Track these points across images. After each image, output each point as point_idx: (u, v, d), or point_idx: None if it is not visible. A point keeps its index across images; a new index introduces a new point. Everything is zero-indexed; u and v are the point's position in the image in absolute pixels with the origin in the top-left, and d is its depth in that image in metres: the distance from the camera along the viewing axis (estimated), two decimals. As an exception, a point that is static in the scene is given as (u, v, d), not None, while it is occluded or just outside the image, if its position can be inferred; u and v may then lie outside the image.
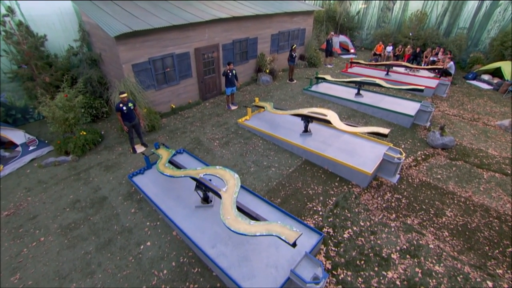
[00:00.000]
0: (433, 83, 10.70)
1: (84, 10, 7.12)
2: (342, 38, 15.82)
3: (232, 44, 9.65)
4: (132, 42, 6.93)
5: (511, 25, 12.22)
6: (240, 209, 4.23)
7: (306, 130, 7.16)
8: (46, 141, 7.09)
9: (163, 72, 8.02)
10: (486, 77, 12.26)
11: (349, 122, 6.62)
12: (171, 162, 5.77)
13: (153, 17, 7.56)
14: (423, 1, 14.73)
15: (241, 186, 5.41)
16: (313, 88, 10.50)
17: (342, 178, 6.01)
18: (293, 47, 10.77)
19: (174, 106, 8.76)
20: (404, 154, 5.77)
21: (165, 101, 8.50)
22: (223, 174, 4.68)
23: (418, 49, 13.92)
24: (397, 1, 15.73)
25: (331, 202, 5.37)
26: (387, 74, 11.81)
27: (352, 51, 15.88)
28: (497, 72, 12.08)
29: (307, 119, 6.97)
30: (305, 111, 6.99)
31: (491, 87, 11.71)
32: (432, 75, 12.07)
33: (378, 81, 9.21)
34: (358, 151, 6.34)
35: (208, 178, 4.88)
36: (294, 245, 3.29)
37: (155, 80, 7.90)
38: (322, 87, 10.54)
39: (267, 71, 11.22)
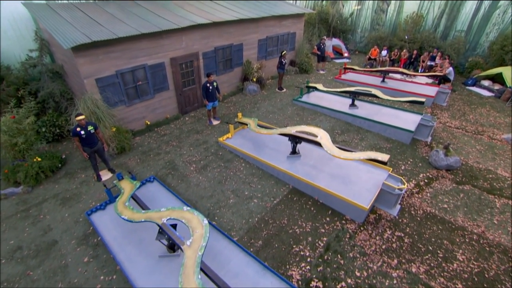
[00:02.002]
0: (433, 91, 9.99)
1: (38, 16, 6.18)
2: (335, 41, 15.07)
3: (214, 51, 8.79)
4: (94, 54, 6.03)
5: (511, 28, 11.61)
6: (205, 272, 3.38)
7: (294, 152, 6.35)
8: (-5, 168, 6.16)
9: (135, 86, 7.13)
10: (486, 83, 11.62)
11: (343, 145, 5.82)
12: (134, 197, 4.91)
13: (120, 24, 6.67)
14: (419, 1, 14.06)
15: (215, 227, 4.61)
16: (304, 98, 9.70)
17: (335, 211, 5.20)
18: (283, 53, 9.97)
19: (149, 123, 7.87)
20: (406, 185, 4.99)
21: (139, 117, 7.61)
22: (190, 219, 3.84)
23: (415, 53, 13.25)
24: (391, 1, 15.05)
25: (322, 244, 4.55)
26: (383, 81, 11.07)
27: (346, 55, 15.15)
28: (497, 78, 11.45)
29: (295, 139, 6.16)
30: (293, 130, 6.17)
31: (493, 94, 11.06)
32: (430, 81, 11.40)
33: (374, 91, 8.44)
34: (353, 178, 5.54)
35: (173, 222, 4.04)
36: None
37: (125, 95, 7.01)
38: (314, 97, 9.74)
39: (254, 79, 10.39)
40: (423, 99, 7.57)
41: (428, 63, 12.76)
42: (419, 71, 13.00)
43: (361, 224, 4.94)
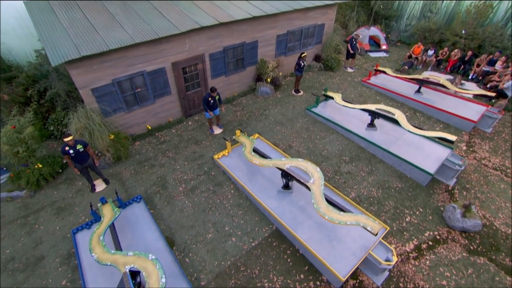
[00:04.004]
0: (477, 113, 8.28)
1: (33, 19, 5.99)
2: (374, 30, 13.01)
3: (223, 52, 8.07)
4: (88, 65, 5.83)
5: None
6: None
7: (287, 186, 5.88)
8: (5, 168, 6.66)
9: (133, 93, 6.93)
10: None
11: (336, 202, 5.14)
12: (112, 226, 5.01)
13: (117, 29, 6.26)
14: (490, -14, 11.22)
15: (181, 270, 4.57)
16: (319, 109, 8.76)
17: (313, 267, 4.85)
18: (303, 55, 8.87)
19: (150, 127, 7.79)
20: (395, 259, 4.38)
21: (139, 122, 7.54)
22: (150, 272, 3.82)
23: (469, 54, 10.99)
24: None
25: (288, 309, 4.34)
26: (418, 91, 9.48)
27: (384, 47, 13.13)
28: None
29: (287, 176, 5.65)
30: (287, 164, 5.63)
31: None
32: (479, 91, 9.37)
33: (397, 115, 7.24)
34: (339, 233, 5.01)
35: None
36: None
37: (124, 103, 6.88)
38: (329, 109, 8.75)
39: (269, 79, 9.54)
40: (453, 138, 6.31)
41: (484, 68, 10.57)
42: (470, 77, 10.89)
43: (341, 286, 4.57)
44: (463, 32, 11.47)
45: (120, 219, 5.44)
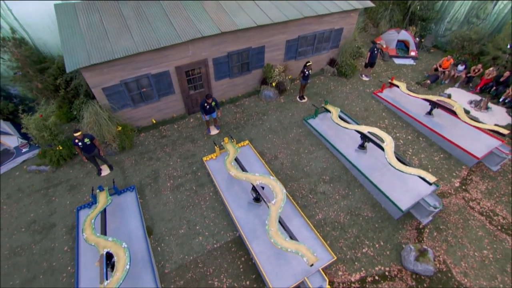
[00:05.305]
0: (488, 146, 7.67)
1: (59, 23, 6.89)
2: (404, 34, 11.94)
3: (227, 57, 8.38)
4: (99, 68, 6.68)
5: None
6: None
7: (257, 200, 6.45)
8: (37, 145, 8.14)
9: (139, 92, 7.74)
10: None
11: (288, 228, 5.58)
12: (104, 212, 6.12)
13: (125, 36, 6.91)
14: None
15: (150, 262, 5.58)
16: (316, 121, 8.84)
17: (259, 277, 5.54)
18: (308, 64, 8.82)
19: (155, 121, 8.69)
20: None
21: (145, 116, 8.45)
22: (120, 256, 4.86)
23: (507, 74, 9.80)
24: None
25: (227, 308, 5.17)
26: (429, 113, 8.94)
27: (412, 53, 12.09)
28: None
29: (256, 191, 6.19)
30: (257, 181, 6.13)
31: None
32: (490, 126, 8.25)
33: (387, 142, 7.11)
34: (288, 254, 5.49)
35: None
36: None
37: (131, 100, 7.76)
38: (326, 123, 8.77)
39: (274, 84, 9.69)
40: (433, 179, 6.14)
41: (520, 93, 9.43)
42: (500, 100, 9.81)
43: (273, 301, 5.24)
44: (508, 47, 10.10)
45: (113, 204, 6.57)
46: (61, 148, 7.47)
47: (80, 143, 6.45)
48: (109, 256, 5.04)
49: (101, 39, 6.75)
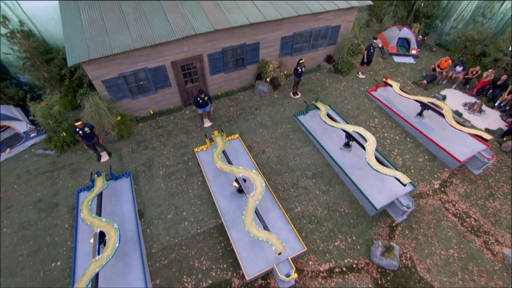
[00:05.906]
0: (472, 150, 7.79)
1: (63, 19, 7.34)
2: (406, 32, 11.78)
3: (222, 52, 8.68)
4: (98, 62, 7.14)
5: None
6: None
7: (240, 191, 6.92)
8: (44, 130, 8.80)
9: (137, 85, 8.20)
10: None
11: (262, 220, 6.02)
12: (100, 195, 6.75)
13: (123, 32, 7.30)
14: None
15: (139, 242, 6.20)
16: (306, 117, 9.12)
17: (235, 262, 6.09)
18: (300, 61, 9.01)
19: (152, 112, 9.19)
20: (295, 275, 5.33)
21: (143, 107, 8.95)
22: (111, 235, 5.50)
23: (504, 77, 9.69)
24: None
25: (204, 286, 5.76)
26: (420, 114, 9.04)
27: (413, 52, 11.97)
28: None
29: (238, 182, 6.65)
30: (241, 172, 6.59)
31: None
32: (474, 130, 8.06)
33: (370, 141, 7.38)
34: (263, 243, 6.00)
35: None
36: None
37: (129, 92, 8.25)
38: (315, 120, 9.03)
39: (268, 79, 9.95)
40: (406, 181, 6.42)
41: (516, 98, 9.35)
42: (496, 104, 9.75)
43: (247, 283, 5.81)
44: (510, 49, 9.90)
45: (109, 189, 7.20)
46: (65, 134, 8.11)
47: (80, 132, 7.04)
48: (102, 235, 5.69)
49: (101, 35, 7.17)
